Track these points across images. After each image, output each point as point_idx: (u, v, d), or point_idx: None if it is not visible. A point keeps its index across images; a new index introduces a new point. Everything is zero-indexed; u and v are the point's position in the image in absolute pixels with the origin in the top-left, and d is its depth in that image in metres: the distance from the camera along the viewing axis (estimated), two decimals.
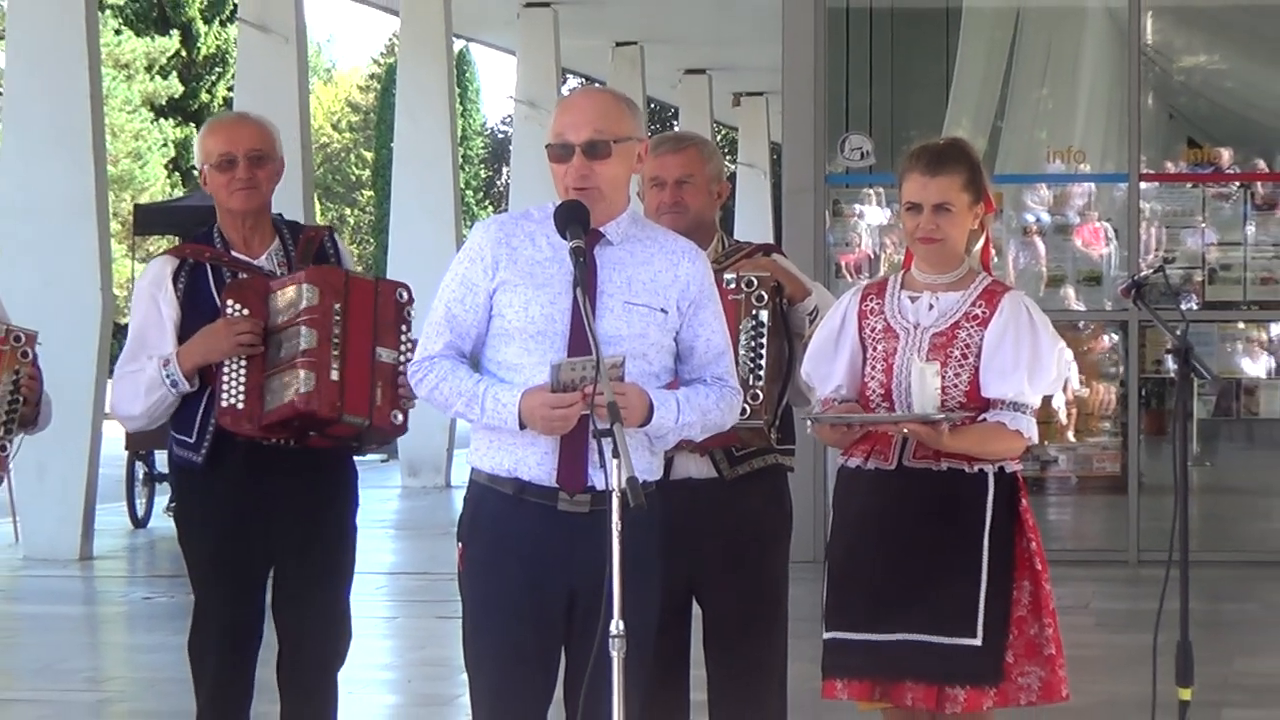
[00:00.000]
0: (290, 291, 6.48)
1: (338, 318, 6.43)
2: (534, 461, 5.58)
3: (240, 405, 6.46)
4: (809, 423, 6.25)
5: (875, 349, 6.07)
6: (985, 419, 5.96)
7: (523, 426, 5.48)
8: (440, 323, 5.64)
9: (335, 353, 6.40)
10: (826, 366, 6.12)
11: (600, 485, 5.42)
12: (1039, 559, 6.05)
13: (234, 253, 6.67)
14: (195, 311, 6.57)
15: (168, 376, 6.51)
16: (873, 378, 6.06)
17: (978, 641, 5.91)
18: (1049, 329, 6.07)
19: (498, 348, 5.64)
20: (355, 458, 6.89)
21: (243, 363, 6.47)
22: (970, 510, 5.96)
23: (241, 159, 6.64)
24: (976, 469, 5.98)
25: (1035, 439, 6.05)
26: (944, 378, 5.96)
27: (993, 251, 6.42)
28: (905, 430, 5.96)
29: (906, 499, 6.00)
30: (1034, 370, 5.98)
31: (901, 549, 5.97)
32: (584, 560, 5.51)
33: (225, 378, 6.47)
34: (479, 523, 5.71)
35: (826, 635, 6.04)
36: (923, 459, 5.99)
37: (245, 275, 6.60)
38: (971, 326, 6.01)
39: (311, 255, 6.73)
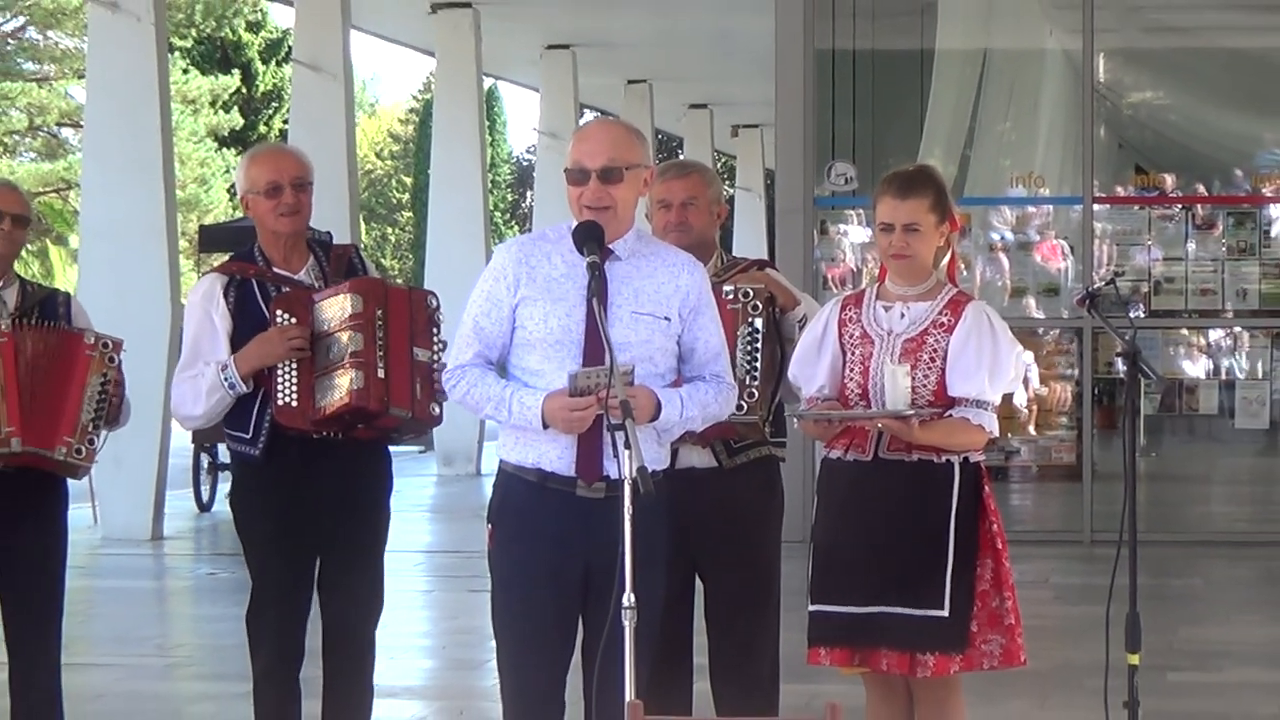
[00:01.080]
0: (336, 301, 6.48)
1: (380, 322, 6.45)
2: (555, 455, 5.62)
3: (294, 403, 6.47)
4: (795, 419, 6.26)
5: (853, 353, 6.07)
6: (951, 415, 5.96)
7: (545, 426, 5.52)
8: (470, 335, 5.67)
9: (380, 353, 6.42)
10: (810, 369, 6.13)
11: (614, 474, 5.45)
12: (1000, 539, 6.05)
13: (275, 269, 6.67)
14: (246, 322, 6.57)
15: (226, 380, 6.51)
16: (851, 379, 6.06)
17: (945, 613, 5.91)
18: (1008, 334, 6.08)
19: (521, 356, 5.67)
20: (392, 448, 6.91)
21: (294, 365, 6.48)
22: (938, 497, 5.96)
23: (287, 186, 6.64)
24: (944, 460, 5.98)
25: (996, 432, 6.06)
26: (914, 378, 5.96)
27: (960, 265, 6.42)
28: (880, 425, 5.96)
29: (881, 487, 6.01)
30: (994, 371, 5.98)
31: (877, 531, 5.97)
32: (599, 539, 5.54)
33: (280, 379, 6.48)
34: (506, 507, 5.73)
35: (811, 608, 6.04)
36: (896, 451, 5.99)
37: (288, 289, 6.60)
38: (939, 333, 6.01)
39: (343, 270, 6.75)
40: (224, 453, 18.20)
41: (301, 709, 6.76)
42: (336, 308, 6.47)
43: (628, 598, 5.46)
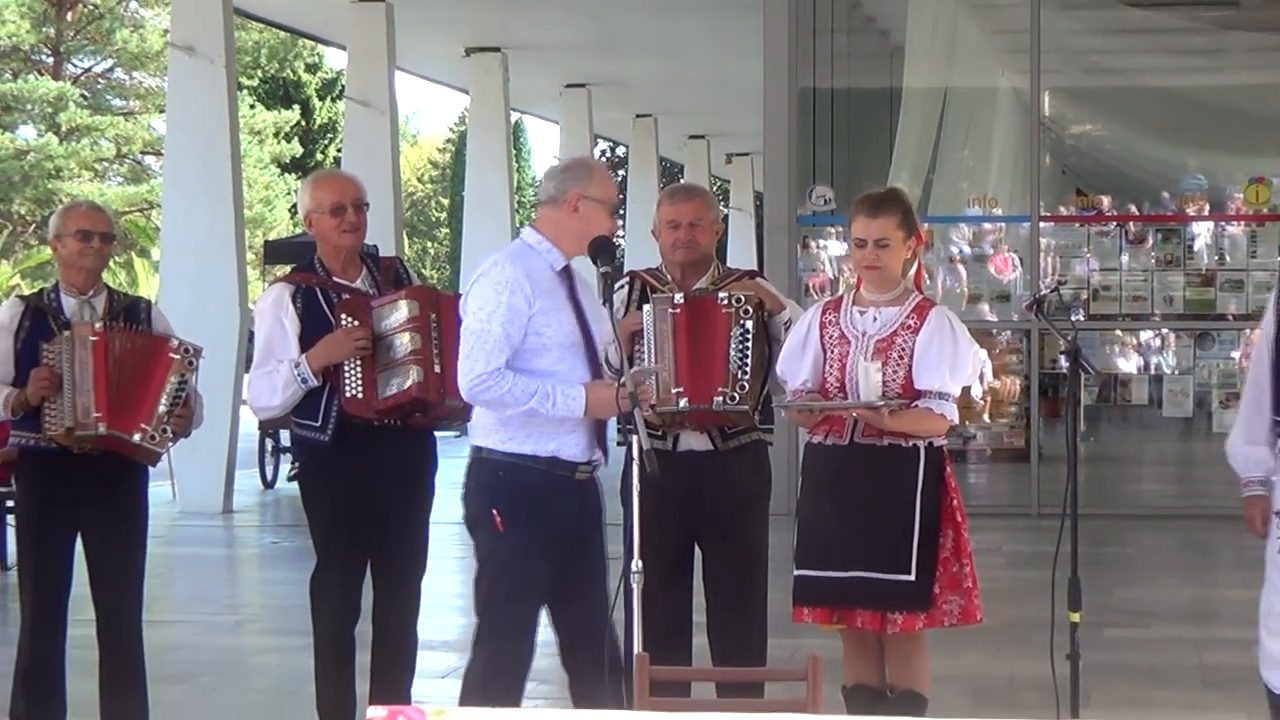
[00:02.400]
0: (395, 306, 6.50)
1: (434, 324, 6.46)
2: (573, 443, 5.70)
3: (360, 395, 6.49)
4: (781, 408, 6.27)
5: (832, 352, 6.06)
6: (917, 405, 5.95)
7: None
8: (501, 342, 5.65)
9: (435, 351, 6.44)
10: (795, 365, 6.13)
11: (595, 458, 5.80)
12: (959, 513, 6.05)
13: (334, 278, 6.68)
14: (311, 324, 6.58)
15: (299, 376, 6.53)
16: (830, 374, 6.05)
17: (911, 578, 5.90)
18: (966, 335, 6.07)
19: (533, 359, 5.70)
20: (436, 433, 6.91)
21: (358, 363, 6.50)
22: (905, 476, 5.95)
23: (349, 206, 6.67)
24: (910, 444, 5.97)
25: (956, 420, 6.05)
26: (884, 374, 5.96)
27: (925, 275, 6.42)
28: (855, 414, 5.95)
29: (856, 468, 6.00)
30: (954, 367, 5.98)
31: (852, 506, 5.96)
32: (586, 513, 5.80)
33: (346, 375, 6.51)
34: (518, 493, 5.73)
35: (796, 573, 6.03)
36: (869, 437, 5.98)
37: (348, 296, 6.62)
38: (906, 334, 6.00)
39: (392, 278, 6.79)
40: (285, 437, 18.25)
41: (355, 659, 6.76)
42: (396, 312, 6.50)
43: (635, 563, 5.47)
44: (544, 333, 5.71)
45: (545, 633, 6.25)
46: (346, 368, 6.51)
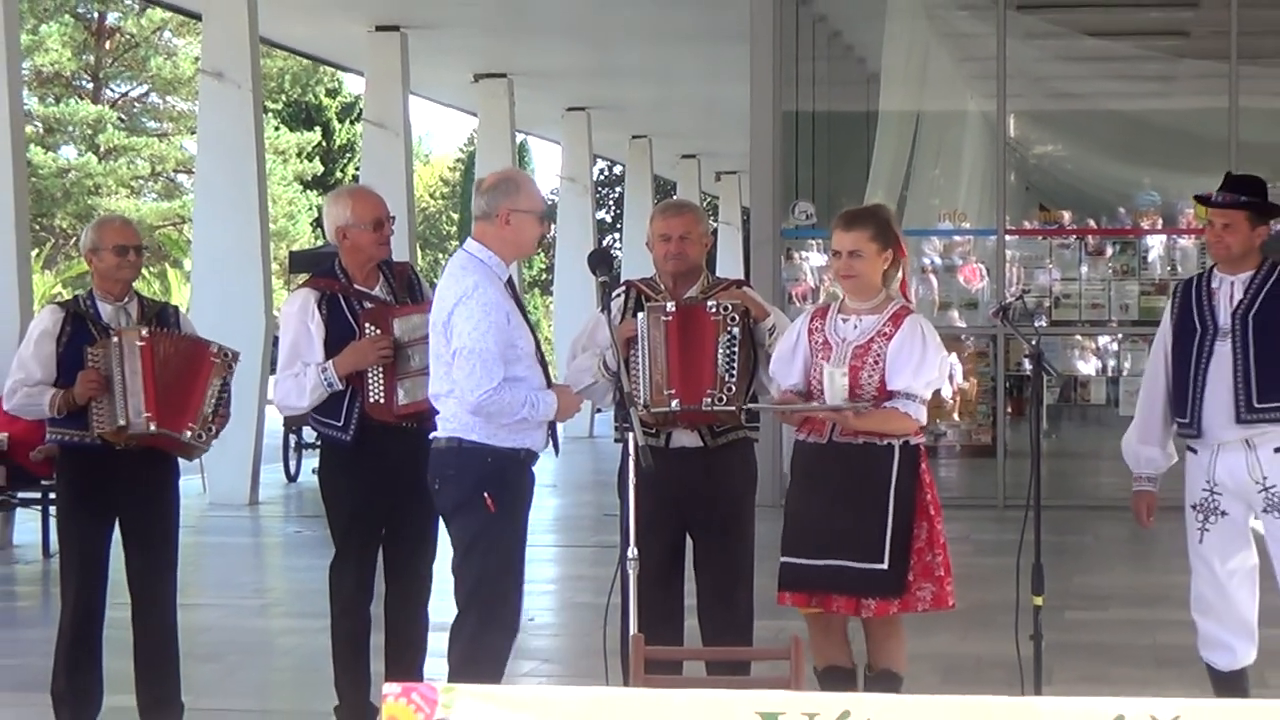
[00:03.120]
0: (416, 318, 6.50)
1: None
2: (540, 438, 5.97)
3: (382, 400, 6.50)
4: (748, 409, 6.31)
5: (817, 356, 6.06)
6: (886, 405, 5.94)
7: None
8: (498, 359, 5.79)
9: None
10: (786, 368, 6.12)
11: None
12: (934, 507, 6.02)
13: (355, 285, 6.68)
14: (335, 329, 6.58)
15: (326, 380, 6.53)
16: (815, 377, 6.05)
17: (884, 566, 5.88)
18: (936, 342, 6.04)
19: (511, 368, 5.85)
20: None
21: (380, 370, 6.50)
22: (880, 472, 5.93)
23: (386, 221, 6.70)
24: (885, 443, 5.95)
25: (924, 421, 6.01)
26: (861, 377, 5.94)
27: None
28: (821, 416, 5.96)
29: (835, 464, 5.99)
30: (921, 370, 5.95)
31: (830, 499, 5.95)
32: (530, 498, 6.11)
33: (370, 380, 6.52)
34: (505, 478, 5.92)
35: (781, 559, 6.03)
36: (845, 436, 5.97)
37: (370, 303, 6.61)
38: (881, 340, 5.99)
39: (405, 282, 6.80)
40: (308, 434, 18.27)
41: (370, 641, 6.76)
42: (416, 323, 6.49)
43: (631, 551, 5.49)
44: (518, 344, 5.89)
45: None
46: (370, 374, 6.51)
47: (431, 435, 6.06)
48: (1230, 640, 6.26)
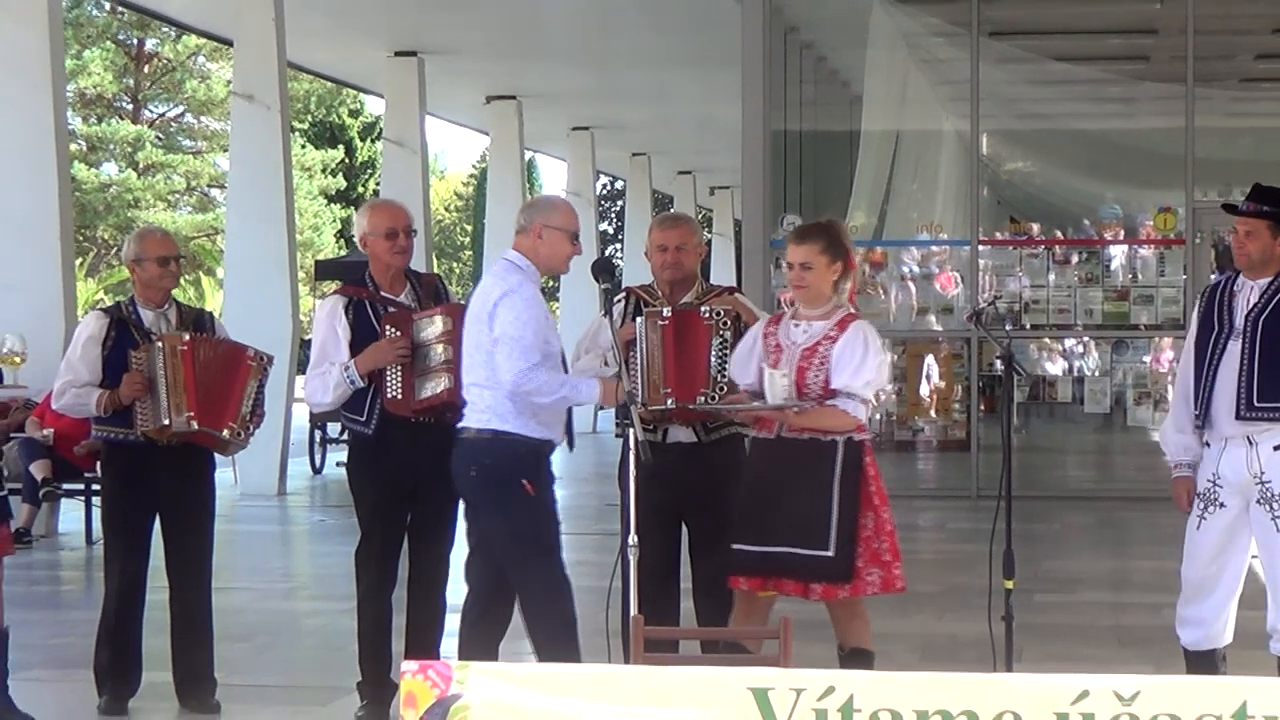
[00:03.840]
0: (433, 321, 6.51)
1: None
2: (559, 431, 5.99)
3: (400, 396, 6.51)
4: (702, 409, 6.30)
5: (769, 359, 6.04)
6: (828, 404, 5.91)
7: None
8: (533, 346, 5.87)
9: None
10: (743, 369, 6.10)
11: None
12: (879, 498, 5.97)
13: (382, 293, 6.69)
14: (361, 332, 6.60)
15: (349, 378, 6.55)
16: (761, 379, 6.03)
17: (830, 553, 5.85)
18: (877, 345, 6.01)
19: (544, 361, 5.92)
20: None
21: (399, 369, 6.50)
22: (824, 466, 5.89)
23: (401, 232, 6.68)
24: (829, 439, 5.91)
25: (864, 418, 5.98)
26: (808, 376, 5.91)
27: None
28: (765, 414, 5.93)
29: (782, 458, 5.95)
30: (860, 371, 5.92)
31: (779, 491, 5.92)
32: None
33: (389, 378, 6.52)
34: (539, 464, 6.01)
35: (733, 546, 5.98)
36: (792, 432, 5.94)
37: (394, 310, 6.62)
38: (827, 344, 5.96)
39: (432, 292, 6.80)
40: (332, 430, 18.26)
41: (393, 620, 6.76)
42: (432, 326, 6.51)
43: (631, 538, 5.49)
44: (550, 342, 5.95)
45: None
46: (389, 372, 6.52)
47: (460, 425, 6.05)
48: (1208, 619, 6.20)
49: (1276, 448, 6.03)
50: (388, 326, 6.56)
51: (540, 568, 6.02)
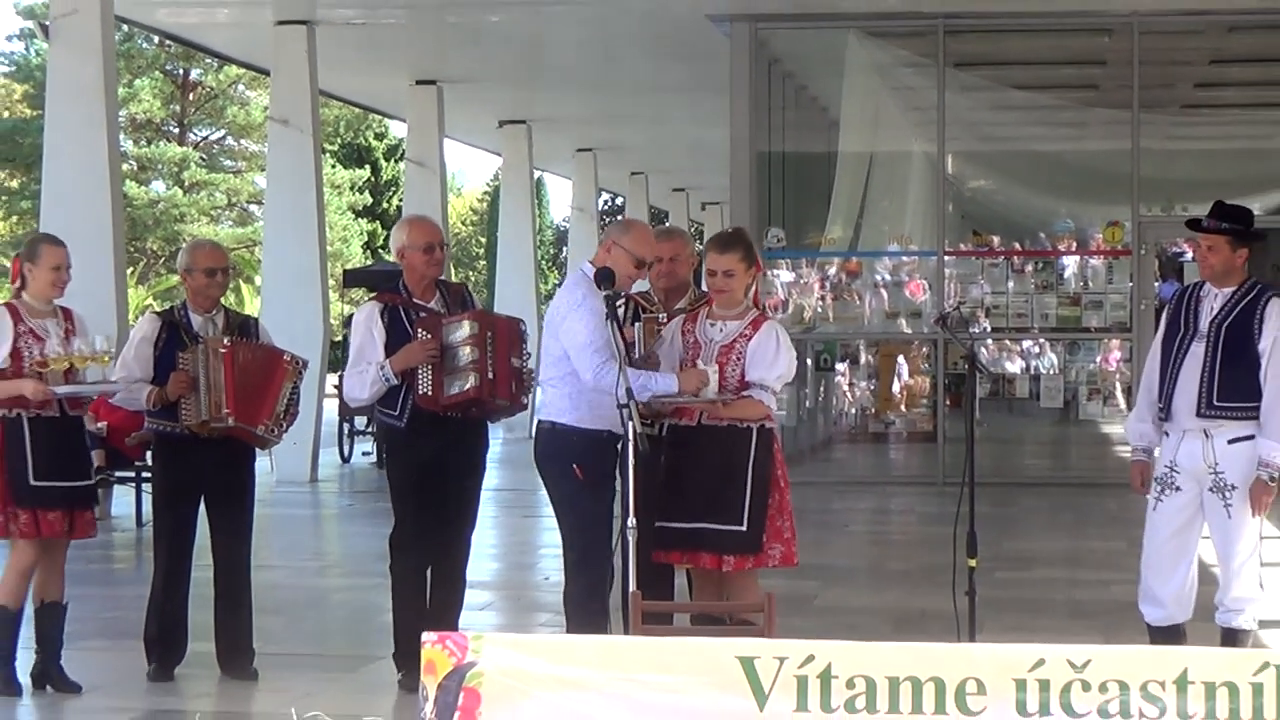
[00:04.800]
0: (462, 325, 6.50)
1: (490, 340, 6.49)
2: (616, 422, 5.76)
3: (430, 392, 6.51)
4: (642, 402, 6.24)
5: (687, 353, 6.04)
6: (745, 394, 5.90)
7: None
8: (602, 347, 5.84)
9: (490, 361, 6.46)
10: (666, 363, 6.07)
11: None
12: (783, 481, 5.99)
13: (414, 300, 6.68)
14: (395, 334, 6.60)
15: (384, 375, 6.55)
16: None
17: (743, 528, 5.87)
18: (787, 344, 6.04)
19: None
20: (488, 423, 6.93)
21: (429, 368, 6.50)
22: (740, 451, 5.90)
23: (437, 246, 6.70)
24: (745, 426, 5.92)
25: (774, 407, 6.00)
26: (726, 371, 5.92)
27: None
28: (699, 407, 5.92)
29: (702, 444, 5.95)
30: (772, 366, 5.94)
31: (698, 473, 5.92)
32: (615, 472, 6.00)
33: (420, 376, 6.53)
34: (591, 453, 5.99)
35: (656, 524, 5.94)
36: (711, 420, 5.95)
37: (425, 315, 6.62)
38: (743, 341, 5.98)
39: (459, 299, 6.80)
40: (359, 423, 18.26)
41: (427, 594, 6.73)
42: (460, 329, 6.51)
43: (631, 521, 5.50)
44: (612, 346, 5.89)
45: (559, 574, 6.25)
46: (420, 371, 6.52)
47: (538, 419, 6.17)
48: (1163, 598, 6.21)
49: (1230, 441, 6.07)
50: (420, 330, 6.56)
51: (577, 543, 6.07)
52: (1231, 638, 6.10)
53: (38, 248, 6.71)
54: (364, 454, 18.29)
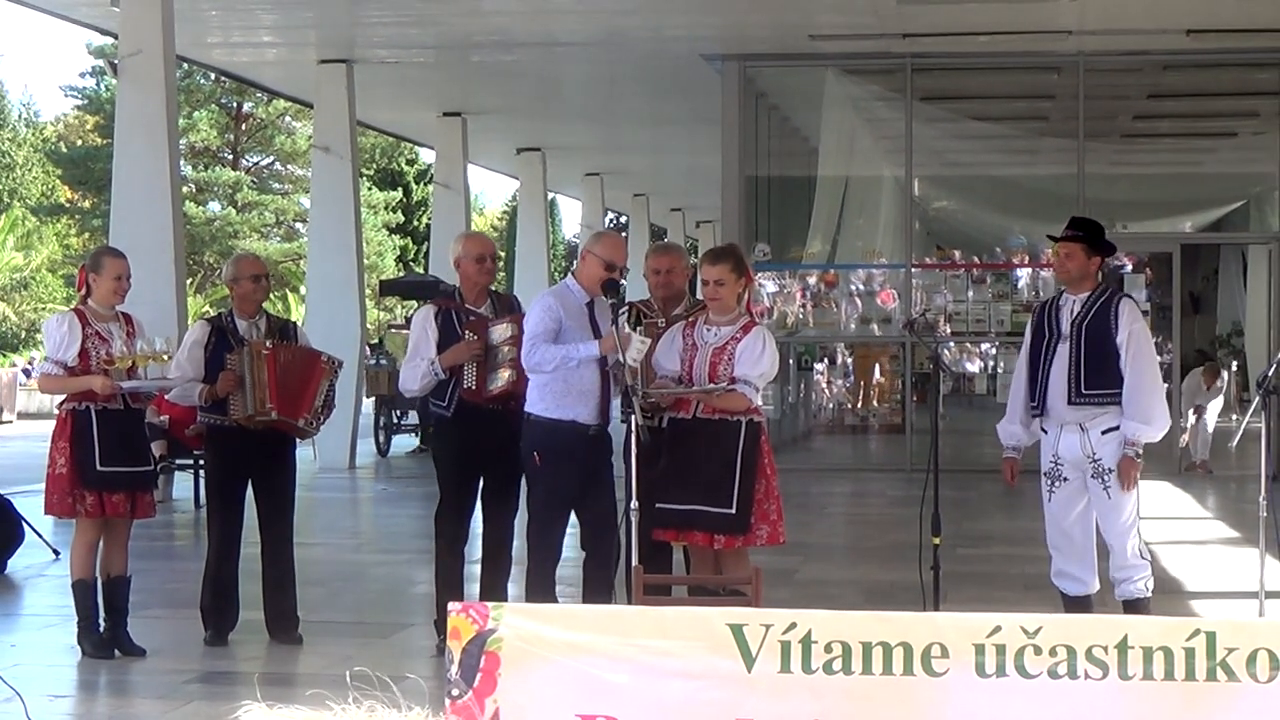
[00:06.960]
0: (503, 327, 6.50)
1: None
2: (585, 413, 5.85)
3: (474, 386, 6.49)
4: (645, 396, 6.19)
5: (686, 353, 6.02)
6: (732, 389, 5.88)
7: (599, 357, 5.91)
8: (539, 336, 5.91)
9: None
10: (667, 361, 6.06)
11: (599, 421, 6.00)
12: (770, 469, 5.97)
13: (466, 305, 6.66)
14: (447, 334, 6.58)
15: (434, 370, 6.54)
16: (686, 370, 6.00)
17: (732, 511, 5.84)
18: (772, 347, 6.01)
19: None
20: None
21: (474, 365, 6.50)
22: (729, 441, 5.88)
23: (489, 257, 6.69)
24: (734, 419, 5.91)
25: (757, 402, 5.97)
26: (719, 369, 5.90)
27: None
28: (696, 397, 5.91)
29: (697, 434, 5.93)
30: (758, 365, 5.92)
31: (693, 460, 5.90)
32: (593, 458, 5.98)
33: (465, 372, 6.52)
34: (550, 440, 5.96)
35: (655, 505, 5.91)
36: (705, 413, 5.93)
37: (474, 318, 6.60)
38: (734, 344, 5.96)
39: (506, 306, 6.76)
40: (395, 416, 18.24)
41: (464, 569, 6.73)
42: (503, 331, 6.49)
43: (633, 503, 5.48)
44: (554, 329, 5.95)
45: (570, 551, 6.24)
46: (466, 367, 6.52)
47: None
48: (1075, 573, 6.28)
49: (1104, 432, 6.13)
50: (468, 333, 6.56)
51: (532, 521, 6.08)
52: (1134, 607, 6.15)
53: (101, 259, 6.69)
54: (420, 448, 17.89)
